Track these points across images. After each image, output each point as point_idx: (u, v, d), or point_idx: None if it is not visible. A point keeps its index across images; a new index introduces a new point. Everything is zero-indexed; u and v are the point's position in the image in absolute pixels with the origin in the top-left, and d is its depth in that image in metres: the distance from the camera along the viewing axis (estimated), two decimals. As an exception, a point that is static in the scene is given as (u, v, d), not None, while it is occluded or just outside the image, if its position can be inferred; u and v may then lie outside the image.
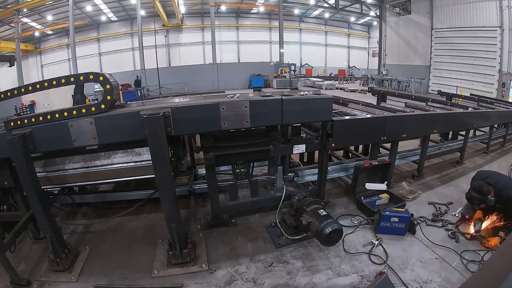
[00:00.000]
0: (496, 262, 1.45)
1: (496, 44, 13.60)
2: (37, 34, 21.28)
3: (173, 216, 2.29)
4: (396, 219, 2.69)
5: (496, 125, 5.52)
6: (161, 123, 2.00)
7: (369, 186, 3.36)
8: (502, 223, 2.58)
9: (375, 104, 5.05)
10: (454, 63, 15.74)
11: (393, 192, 3.43)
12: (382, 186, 3.39)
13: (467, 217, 2.84)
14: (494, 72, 13.80)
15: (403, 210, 2.88)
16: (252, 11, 24.70)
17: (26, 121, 2.06)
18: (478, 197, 2.66)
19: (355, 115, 3.53)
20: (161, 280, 2.26)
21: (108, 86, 2.12)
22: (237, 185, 2.91)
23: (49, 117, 2.06)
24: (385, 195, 3.33)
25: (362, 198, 3.26)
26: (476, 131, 5.68)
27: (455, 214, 3.07)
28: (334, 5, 21.30)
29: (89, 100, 11.35)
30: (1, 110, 9.17)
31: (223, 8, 21.59)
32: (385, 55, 21.22)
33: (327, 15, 26.62)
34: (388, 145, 3.93)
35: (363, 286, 2.16)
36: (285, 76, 20.01)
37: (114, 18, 20.07)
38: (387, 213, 2.71)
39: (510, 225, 2.57)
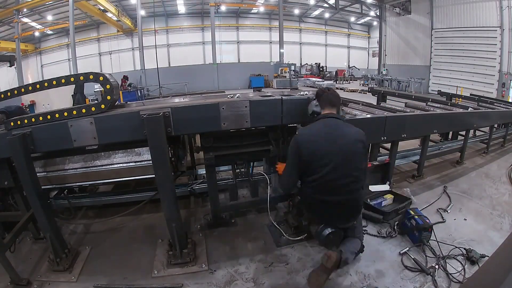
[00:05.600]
0: (496, 262, 1.45)
1: (496, 44, 13.60)
2: (37, 34, 21.27)
3: (173, 216, 2.29)
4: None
5: (496, 125, 5.51)
6: (161, 123, 2.00)
7: (373, 188, 3.34)
8: None
9: (375, 104, 5.05)
10: (454, 63, 15.74)
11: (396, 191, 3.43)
12: (386, 187, 3.39)
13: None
14: (494, 72, 13.80)
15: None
16: (252, 11, 24.69)
17: (26, 121, 2.06)
18: None
19: (355, 115, 3.52)
20: (161, 280, 2.26)
21: (108, 86, 2.12)
22: (237, 185, 2.91)
23: (49, 117, 2.06)
24: (389, 196, 3.32)
25: (369, 200, 3.22)
26: (476, 131, 5.68)
27: None
28: (334, 5, 21.31)
29: (89, 100, 11.34)
30: (1, 110, 9.16)
31: (223, 8, 21.58)
32: (385, 55, 21.22)
33: (327, 15, 26.61)
34: (388, 145, 3.93)
35: (364, 285, 2.16)
36: (285, 76, 20.02)
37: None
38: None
39: None
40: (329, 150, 2.01)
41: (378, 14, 21.63)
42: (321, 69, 25.50)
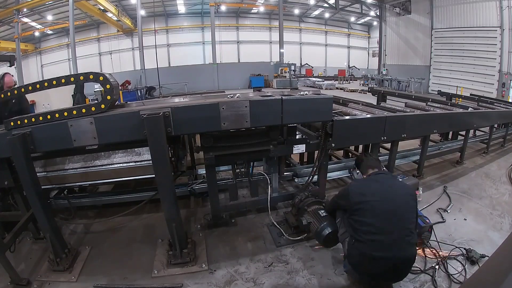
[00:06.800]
0: (496, 262, 1.45)
1: (496, 44, 13.59)
2: (37, 34, 21.31)
3: (173, 216, 2.29)
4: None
5: (496, 125, 5.51)
6: (161, 123, 2.00)
7: None
8: None
9: (375, 104, 5.05)
10: (454, 63, 15.74)
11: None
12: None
13: None
14: (494, 72, 13.80)
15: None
16: (252, 11, 24.72)
17: (26, 121, 2.06)
18: None
19: (355, 115, 3.52)
20: (161, 280, 2.26)
21: (108, 86, 2.12)
22: (237, 185, 2.91)
23: (49, 117, 2.06)
24: None
25: None
26: (476, 131, 5.67)
27: None
28: (334, 5, 21.32)
29: (89, 100, 11.35)
30: (1, 110, 9.17)
31: (223, 8, 21.60)
32: (385, 55, 21.22)
33: (327, 15, 26.63)
34: (388, 145, 3.92)
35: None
36: (285, 76, 20.02)
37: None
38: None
39: None
40: (381, 201, 1.93)
41: (378, 14, 21.62)
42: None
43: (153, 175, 2.29)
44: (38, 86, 2.13)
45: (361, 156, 2.38)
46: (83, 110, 2.07)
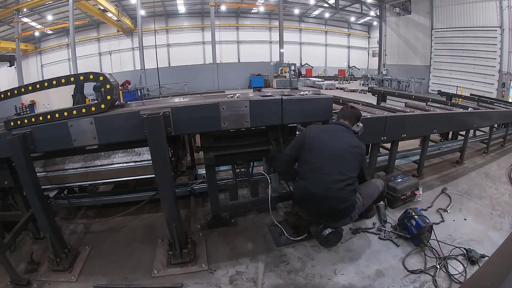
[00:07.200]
0: (496, 262, 1.45)
1: (496, 44, 13.61)
2: (37, 34, 21.33)
3: (173, 216, 2.29)
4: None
5: (496, 125, 5.51)
6: (161, 123, 2.00)
7: None
8: None
9: (375, 104, 5.05)
10: (454, 63, 15.76)
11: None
12: None
13: None
14: (494, 72, 13.81)
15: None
16: (252, 11, 24.74)
17: (26, 121, 2.06)
18: None
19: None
20: (161, 280, 2.26)
21: (108, 86, 2.12)
22: (237, 185, 2.91)
23: (49, 117, 2.06)
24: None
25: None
26: (476, 131, 5.67)
27: None
28: (334, 5, 21.35)
29: (89, 100, 11.35)
30: (1, 110, 9.17)
31: (223, 8, 21.62)
32: (385, 55, 21.24)
33: (327, 15, 26.66)
34: (388, 145, 3.93)
35: (363, 285, 2.16)
36: (285, 76, 20.04)
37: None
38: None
39: None
40: (327, 144, 2.29)
41: (378, 14, 21.64)
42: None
43: (153, 175, 2.29)
44: (38, 86, 2.13)
45: (344, 106, 2.77)
46: (83, 110, 2.07)
